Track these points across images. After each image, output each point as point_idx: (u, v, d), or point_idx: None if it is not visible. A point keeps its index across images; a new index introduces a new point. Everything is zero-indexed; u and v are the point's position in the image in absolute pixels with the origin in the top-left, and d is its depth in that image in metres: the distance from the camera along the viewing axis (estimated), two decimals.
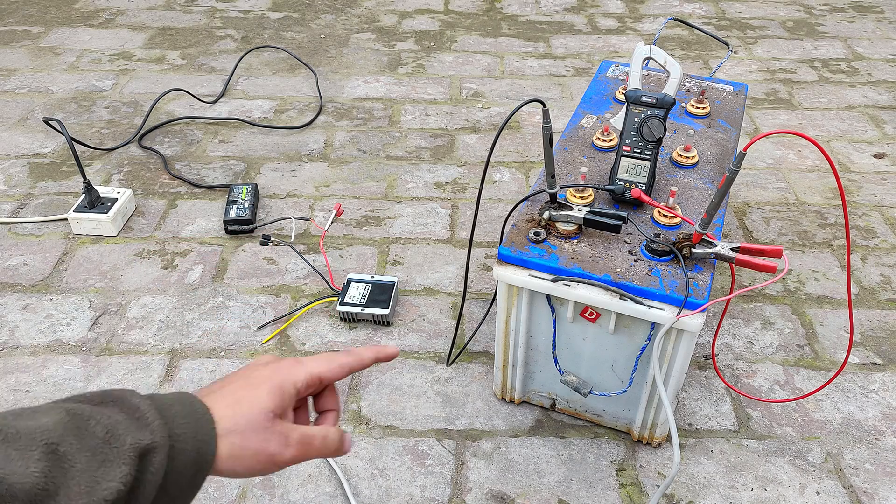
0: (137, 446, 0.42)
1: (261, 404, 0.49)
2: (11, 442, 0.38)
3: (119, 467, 0.41)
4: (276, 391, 0.51)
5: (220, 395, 0.50)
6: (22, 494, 0.37)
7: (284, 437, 0.50)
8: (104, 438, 0.42)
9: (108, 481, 0.40)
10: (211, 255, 1.44)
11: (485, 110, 1.93)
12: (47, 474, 0.38)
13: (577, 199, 1.02)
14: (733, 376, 1.20)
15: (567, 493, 1.03)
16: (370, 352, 0.58)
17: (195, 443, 0.46)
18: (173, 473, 0.44)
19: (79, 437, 0.41)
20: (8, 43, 2.25)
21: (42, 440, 0.39)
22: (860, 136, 1.84)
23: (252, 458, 0.48)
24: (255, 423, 0.49)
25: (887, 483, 1.04)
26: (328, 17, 2.46)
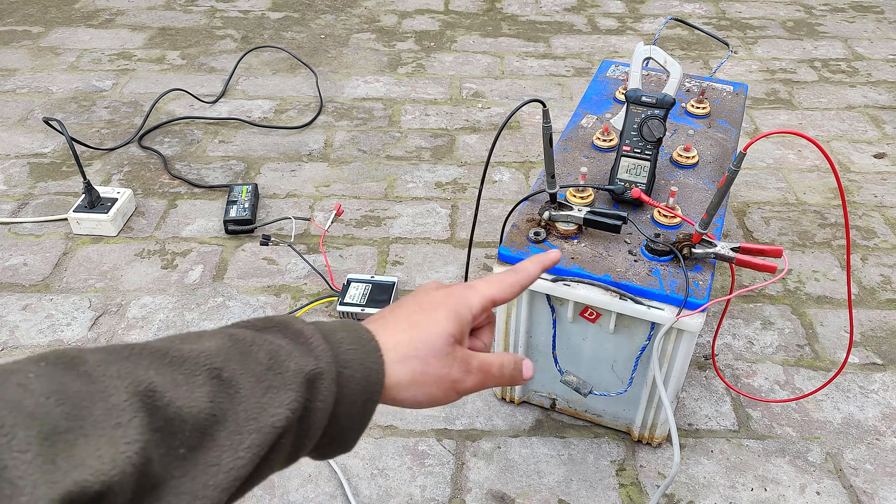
0: (302, 372, 0.40)
1: (439, 328, 0.47)
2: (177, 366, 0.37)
3: (285, 393, 0.39)
4: (452, 315, 0.48)
5: (391, 320, 0.48)
6: (190, 419, 0.35)
7: (466, 363, 0.48)
8: (267, 364, 0.40)
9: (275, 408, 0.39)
10: (211, 255, 1.44)
11: (485, 110, 1.93)
12: (213, 399, 0.37)
13: (577, 199, 1.02)
14: (733, 376, 1.20)
15: (567, 493, 1.03)
16: (535, 265, 0.54)
17: (363, 370, 0.43)
18: (343, 401, 0.42)
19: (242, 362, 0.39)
20: (8, 43, 2.25)
21: (206, 365, 0.38)
22: (860, 136, 1.84)
23: (434, 384, 0.46)
24: (435, 347, 0.46)
25: (887, 483, 1.04)
26: (328, 17, 2.46)
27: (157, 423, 0.34)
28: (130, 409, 0.33)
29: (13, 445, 0.29)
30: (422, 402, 0.47)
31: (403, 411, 1.14)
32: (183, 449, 0.35)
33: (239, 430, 0.37)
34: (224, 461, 0.36)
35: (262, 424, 0.38)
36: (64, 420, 0.31)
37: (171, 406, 0.35)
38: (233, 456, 0.36)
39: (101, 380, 0.34)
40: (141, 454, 0.32)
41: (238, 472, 0.36)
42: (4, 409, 0.30)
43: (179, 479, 0.34)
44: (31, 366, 0.34)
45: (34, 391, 0.32)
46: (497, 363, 0.50)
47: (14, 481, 0.28)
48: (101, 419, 0.32)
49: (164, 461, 0.34)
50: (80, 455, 0.30)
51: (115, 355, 0.36)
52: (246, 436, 0.37)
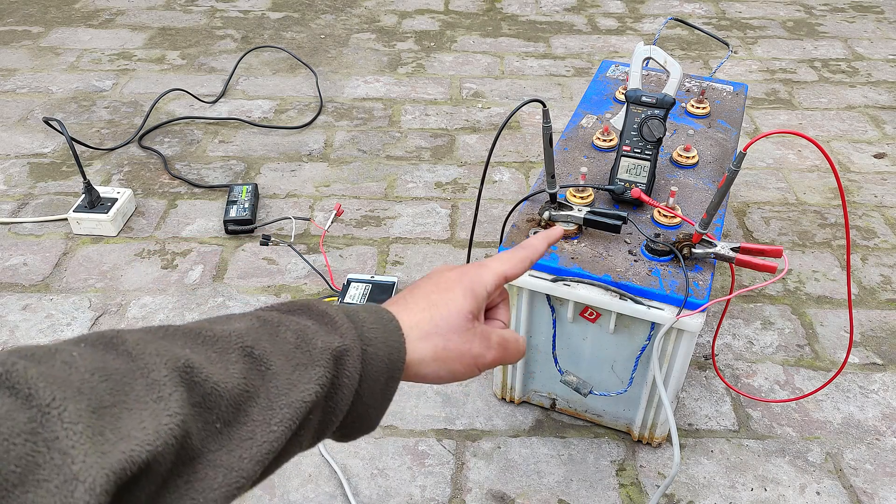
0: (329, 349, 0.42)
1: (458, 305, 0.49)
2: (210, 344, 0.39)
3: (314, 369, 0.41)
4: (469, 293, 0.50)
5: (410, 301, 0.49)
6: (226, 394, 0.37)
7: (486, 338, 0.50)
8: (295, 343, 0.41)
9: (305, 383, 0.40)
10: (211, 255, 1.44)
11: (485, 110, 1.93)
12: (246, 376, 0.38)
13: (577, 199, 1.02)
14: (733, 376, 1.20)
15: (567, 493, 1.03)
16: (541, 241, 0.57)
17: (385, 348, 0.45)
18: (367, 379, 0.44)
19: (271, 341, 0.41)
20: (8, 43, 2.25)
21: (238, 343, 0.39)
22: (860, 136, 1.84)
23: (456, 360, 0.48)
24: (455, 324, 0.48)
25: (887, 483, 1.04)
26: (328, 17, 2.46)
27: (195, 398, 0.35)
28: (170, 383, 0.34)
29: (64, 417, 0.30)
30: (444, 377, 0.48)
31: (403, 411, 1.14)
32: (219, 423, 0.36)
33: (271, 406, 0.38)
34: (258, 435, 0.37)
35: (292, 399, 0.39)
36: (108, 395, 0.32)
37: (207, 381, 0.36)
38: (266, 430, 0.38)
39: (141, 357, 0.35)
40: (181, 427, 0.33)
41: (271, 445, 0.37)
42: (54, 384, 0.31)
43: (215, 453, 0.35)
44: (73, 346, 0.35)
45: (79, 368, 0.33)
46: (513, 338, 0.53)
47: (66, 451, 0.29)
48: (142, 394, 0.33)
49: (202, 435, 0.35)
50: (125, 427, 0.32)
51: (151, 335, 0.38)
52: (277, 411, 0.38)
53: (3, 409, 0.29)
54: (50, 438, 0.29)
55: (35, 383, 0.31)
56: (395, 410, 1.14)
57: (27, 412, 0.30)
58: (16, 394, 0.30)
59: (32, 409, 0.30)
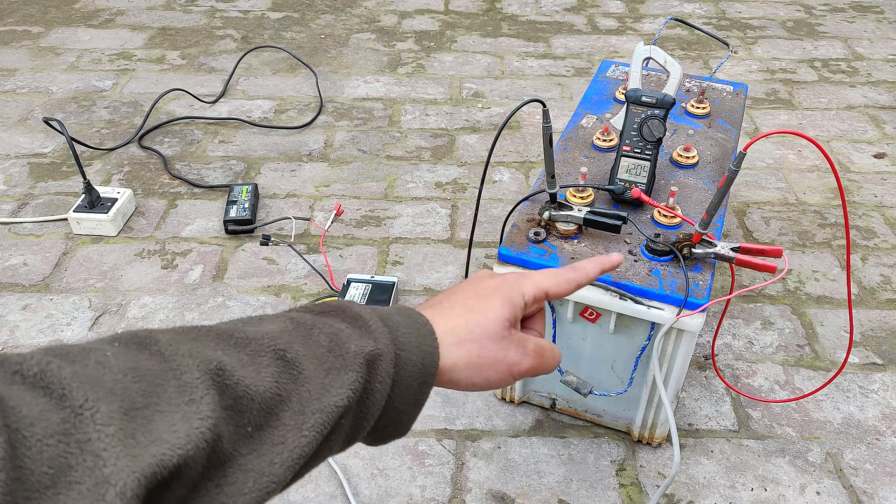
0: (362, 353, 0.41)
1: (495, 313, 0.48)
2: (242, 347, 0.38)
3: (347, 374, 0.40)
4: (507, 301, 0.49)
5: (447, 306, 0.49)
6: (258, 398, 0.36)
7: (522, 345, 0.49)
8: (328, 347, 0.41)
9: (338, 388, 0.39)
10: (211, 255, 1.44)
11: (485, 110, 1.93)
12: (278, 380, 0.38)
13: (577, 199, 1.02)
14: (733, 376, 1.20)
15: (567, 493, 1.03)
16: (594, 266, 0.55)
17: (419, 353, 0.44)
18: (400, 384, 0.43)
19: (304, 344, 0.40)
20: (8, 43, 2.25)
21: (270, 346, 0.39)
22: (860, 136, 1.84)
23: (491, 367, 0.47)
24: (491, 331, 0.48)
25: (887, 483, 1.04)
26: (328, 17, 2.46)
27: (227, 402, 0.35)
28: (202, 386, 0.34)
29: (97, 419, 0.30)
30: (478, 384, 0.48)
31: None
32: (250, 427, 0.36)
33: (303, 410, 0.38)
34: (289, 440, 0.37)
35: (324, 404, 0.39)
36: (141, 397, 0.32)
37: (239, 385, 0.36)
38: (297, 435, 0.37)
39: (174, 358, 0.35)
40: (212, 430, 0.33)
41: (302, 450, 0.37)
42: (87, 385, 0.31)
43: (246, 457, 0.35)
44: (106, 345, 0.35)
45: (112, 368, 0.33)
46: (548, 346, 0.51)
47: (98, 453, 0.29)
48: (174, 396, 0.33)
49: (233, 439, 0.35)
50: (157, 430, 0.31)
51: (183, 335, 0.37)
52: (309, 415, 0.38)
53: (37, 409, 0.29)
54: (83, 440, 0.29)
55: (69, 383, 0.31)
56: None
57: (61, 413, 0.30)
58: (50, 394, 0.30)
59: (66, 410, 0.30)
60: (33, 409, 0.29)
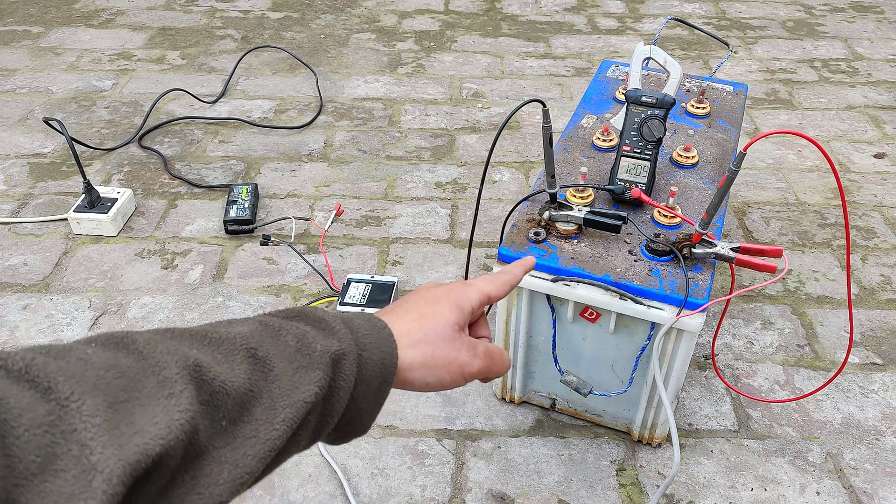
0: (327, 352, 0.43)
1: (444, 318, 0.51)
2: (216, 346, 0.40)
3: (314, 372, 0.42)
4: (455, 307, 0.52)
5: (401, 312, 0.51)
6: (233, 393, 0.38)
7: (472, 348, 0.52)
8: (296, 347, 0.43)
9: (306, 385, 0.42)
10: (211, 255, 1.44)
11: (485, 110, 1.93)
12: (250, 376, 0.40)
13: (577, 199, 1.02)
14: (733, 376, 1.20)
15: (567, 493, 1.03)
16: (519, 268, 0.60)
17: (379, 353, 0.47)
18: (362, 382, 0.45)
19: (274, 344, 0.43)
20: (8, 43, 2.25)
21: (242, 345, 0.41)
22: (860, 136, 1.84)
23: (444, 367, 0.50)
24: (443, 333, 0.50)
25: (887, 483, 1.04)
26: (328, 17, 2.46)
27: (204, 397, 0.37)
28: (181, 381, 0.36)
29: (83, 411, 0.31)
30: (431, 384, 0.50)
31: (404, 411, 1.14)
32: (225, 421, 0.38)
33: (274, 405, 0.40)
34: (261, 433, 0.39)
35: (294, 400, 0.41)
36: (122, 391, 0.34)
37: (216, 381, 0.37)
38: (269, 428, 0.39)
39: (152, 356, 0.36)
40: (191, 423, 0.34)
41: (273, 443, 0.39)
42: (72, 379, 0.32)
43: (221, 450, 0.37)
44: (85, 345, 0.36)
45: (94, 364, 0.34)
46: (498, 350, 0.55)
47: (85, 443, 0.30)
48: (154, 391, 0.35)
49: (208, 432, 0.36)
50: (139, 422, 0.33)
51: (160, 335, 0.39)
52: (280, 410, 0.40)
53: (24, 401, 0.30)
54: (68, 430, 0.30)
55: (55, 377, 0.32)
56: (396, 410, 1.14)
57: (46, 405, 0.31)
58: (35, 387, 0.31)
59: (51, 402, 0.31)
60: (20, 400, 0.30)
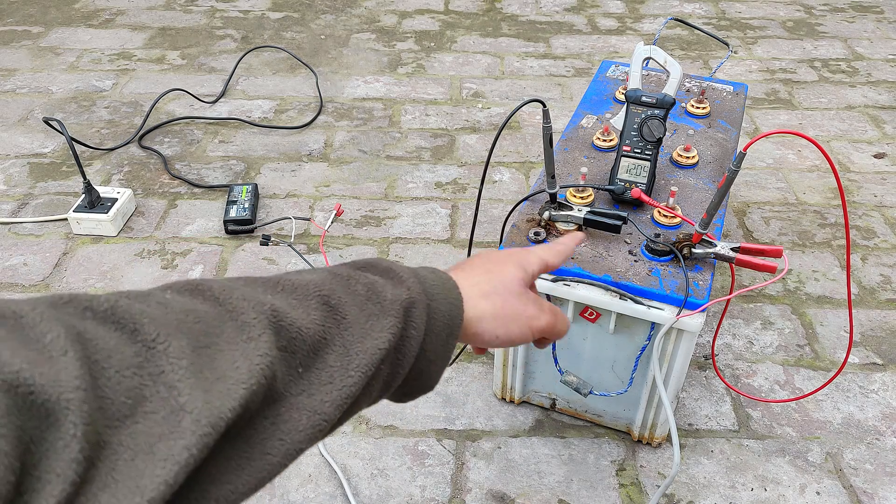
0: (398, 300, 0.43)
1: (512, 274, 0.52)
2: (290, 292, 0.40)
3: (385, 319, 0.42)
4: (520, 266, 0.54)
5: (467, 268, 0.52)
6: (309, 339, 0.38)
7: (540, 303, 0.53)
8: (366, 295, 0.43)
9: (378, 332, 0.42)
10: (211, 255, 1.44)
11: (485, 110, 1.93)
12: (323, 323, 0.39)
13: (577, 199, 1.02)
14: (733, 376, 1.20)
15: (567, 493, 1.03)
16: (571, 239, 0.63)
17: (446, 304, 0.47)
18: (430, 332, 0.45)
19: (345, 292, 0.42)
20: (8, 43, 2.25)
21: (315, 292, 0.41)
22: (860, 136, 1.84)
23: (514, 319, 0.51)
24: (511, 287, 0.51)
25: (887, 483, 1.04)
26: (328, 17, 2.46)
27: (282, 342, 0.37)
28: (259, 325, 0.36)
29: (169, 353, 0.31)
30: (500, 336, 0.50)
31: (403, 411, 1.14)
32: (300, 368, 0.38)
33: (347, 353, 0.40)
34: (336, 380, 0.39)
35: (367, 347, 0.41)
36: (203, 336, 0.34)
37: (293, 326, 0.37)
38: (344, 375, 0.39)
39: (229, 301, 0.36)
40: (270, 368, 0.34)
41: (349, 390, 0.39)
42: (156, 322, 0.32)
43: (297, 397, 0.37)
44: (162, 291, 0.36)
45: (174, 309, 0.34)
46: (560, 309, 0.56)
47: (173, 384, 0.30)
48: (233, 335, 0.35)
49: (285, 379, 0.36)
50: (221, 367, 0.33)
51: (234, 282, 0.39)
52: (354, 357, 0.40)
53: (111, 342, 0.30)
54: (156, 372, 0.31)
55: (139, 319, 0.32)
56: (395, 411, 1.14)
57: (134, 346, 0.31)
58: (122, 328, 0.31)
59: (138, 344, 0.31)
60: (108, 342, 0.30)
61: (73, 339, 0.29)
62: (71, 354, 0.28)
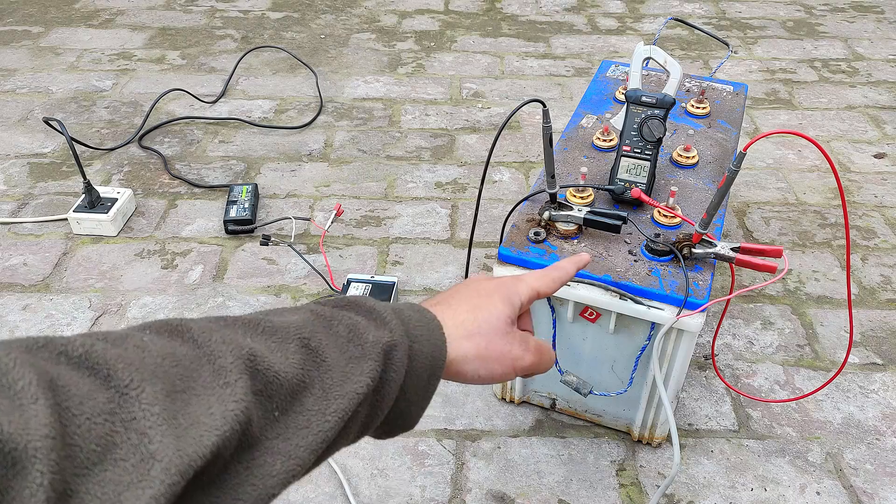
0: (379, 343, 0.43)
1: (498, 310, 0.51)
2: (270, 335, 0.40)
3: (366, 362, 0.42)
4: (506, 301, 0.52)
5: (453, 303, 0.51)
6: (286, 383, 0.38)
7: (525, 342, 0.52)
8: (348, 337, 0.43)
9: (358, 375, 0.41)
10: (211, 255, 1.44)
11: (485, 110, 1.93)
12: (303, 366, 0.39)
13: (577, 199, 1.02)
14: (733, 376, 1.20)
15: (567, 493, 1.03)
16: (571, 264, 0.61)
17: (429, 345, 0.46)
18: (412, 374, 0.45)
19: (326, 334, 0.42)
20: (8, 43, 2.25)
21: (296, 334, 0.41)
22: (860, 136, 1.84)
23: (496, 360, 0.50)
24: (496, 326, 0.51)
25: (887, 483, 1.04)
26: (328, 17, 2.46)
27: (258, 386, 0.36)
28: (236, 370, 0.35)
29: (142, 399, 0.31)
30: (483, 377, 0.50)
31: None
32: (277, 412, 0.37)
33: (326, 396, 0.40)
34: (313, 424, 0.38)
35: (346, 391, 0.40)
36: (179, 381, 0.34)
37: (270, 370, 0.37)
38: (321, 419, 0.39)
39: (207, 344, 0.36)
40: (245, 413, 0.34)
41: (325, 434, 0.39)
42: (131, 368, 0.32)
43: (273, 440, 0.37)
44: (140, 332, 0.36)
45: (151, 352, 0.34)
46: (546, 345, 0.55)
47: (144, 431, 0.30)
48: (210, 380, 0.35)
49: (261, 423, 0.36)
50: (195, 412, 0.33)
51: (213, 323, 0.39)
52: (332, 401, 0.40)
53: (84, 388, 0.30)
54: (128, 419, 0.30)
55: (114, 364, 0.32)
56: None
57: (107, 392, 0.31)
58: (95, 374, 0.31)
59: (111, 390, 0.31)
60: (81, 388, 0.30)
61: (45, 386, 0.29)
62: (42, 402, 0.28)
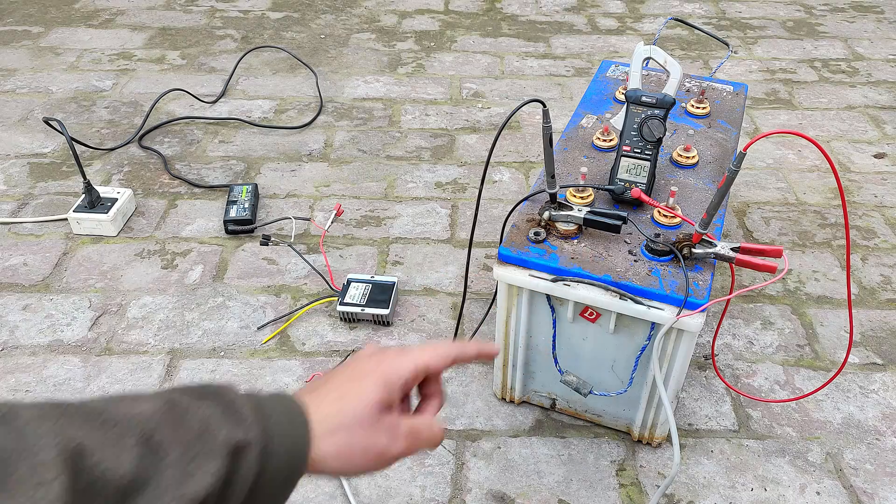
0: (230, 442, 0.41)
1: (366, 398, 0.48)
2: (109, 427, 0.38)
3: (211, 461, 0.40)
4: (381, 383, 0.49)
5: (323, 392, 0.49)
6: (114, 481, 0.36)
7: (393, 430, 0.49)
8: (198, 432, 0.41)
9: (201, 475, 0.39)
10: (211, 255, 1.44)
11: (485, 110, 1.93)
12: (139, 464, 0.37)
13: (577, 199, 1.02)
14: (733, 376, 1.20)
15: (567, 493, 1.03)
16: (473, 348, 0.56)
17: (290, 443, 0.44)
18: (265, 476, 0.43)
19: (174, 428, 0.40)
20: (8, 43, 2.25)
21: (139, 427, 0.38)
22: (860, 136, 1.84)
23: (361, 455, 0.47)
24: (361, 417, 0.47)
25: (887, 483, 1.04)
26: (328, 17, 2.46)
27: (80, 485, 0.34)
28: (55, 468, 0.33)
29: None
30: (349, 472, 0.48)
31: None
32: None
33: (160, 496, 0.37)
34: None
35: (184, 492, 0.38)
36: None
37: (96, 467, 0.35)
38: None
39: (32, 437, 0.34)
40: None
41: None
42: None
43: None
44: None
45: None
46: (426, 426, 0.51)
47: None
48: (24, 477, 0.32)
49: None
50: None
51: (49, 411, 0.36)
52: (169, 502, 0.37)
53: None
54: None
55: None
56: None
57: None
58: None
59: None
60: None
61: None
62: None
